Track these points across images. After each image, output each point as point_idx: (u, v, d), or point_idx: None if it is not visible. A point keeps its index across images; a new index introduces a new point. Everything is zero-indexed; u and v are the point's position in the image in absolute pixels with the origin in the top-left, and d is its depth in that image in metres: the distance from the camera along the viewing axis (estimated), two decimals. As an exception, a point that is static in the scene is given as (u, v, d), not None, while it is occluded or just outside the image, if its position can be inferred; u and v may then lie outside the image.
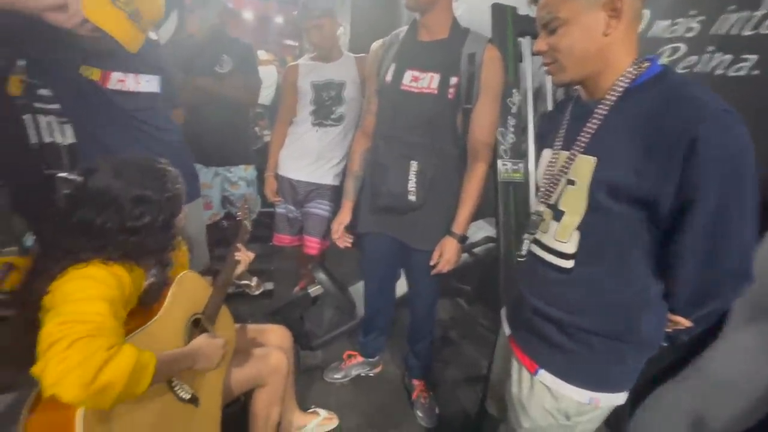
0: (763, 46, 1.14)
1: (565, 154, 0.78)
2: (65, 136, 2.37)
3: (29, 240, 1.60)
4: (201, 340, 0.92)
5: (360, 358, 1.78)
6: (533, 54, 1.48)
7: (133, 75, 1.25)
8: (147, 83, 1.29)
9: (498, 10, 1.33)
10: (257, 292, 2.25)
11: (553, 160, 0.81)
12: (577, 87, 0.80)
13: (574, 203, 0.75)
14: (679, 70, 1.36)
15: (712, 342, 1.34)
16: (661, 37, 1.41)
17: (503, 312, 1.04)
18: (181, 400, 0.88)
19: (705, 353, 1.37)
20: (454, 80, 1.16)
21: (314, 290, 1.74)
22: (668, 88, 0.66)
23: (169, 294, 0.93)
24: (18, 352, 0.76)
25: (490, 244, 2.00)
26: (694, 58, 1.31)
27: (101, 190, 0.82)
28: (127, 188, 0.83)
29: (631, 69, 0.70)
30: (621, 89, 0.70)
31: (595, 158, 0.71)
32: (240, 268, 1.22)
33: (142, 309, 0.89)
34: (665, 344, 0.81)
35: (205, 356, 0.91)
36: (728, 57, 1.22)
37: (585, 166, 0.72)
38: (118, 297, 0.77)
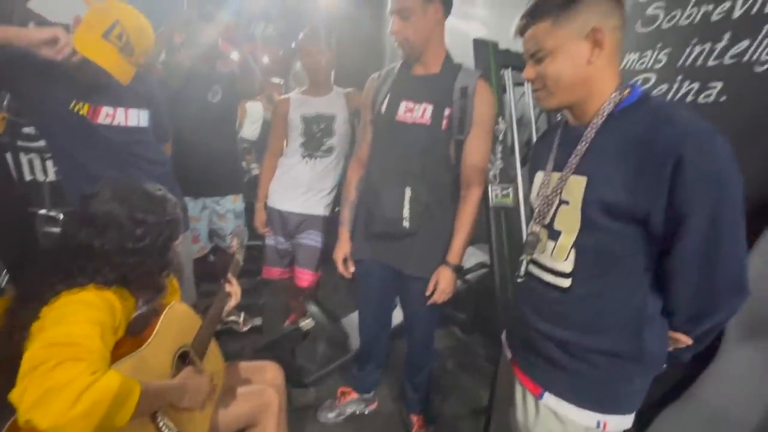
0: (726, 75, 1.23)
1: (557, 175, 0.80)
2: (47, 173, 2.33)
3: (4, 281, 1.52)
4: (188, 374, 0.89)
5: (355, 395, 1.70)
6: (515, 85, 1.56)
7: (123, 109, 1.25)
8: (136, 117, 1.29)
9: (480, 45, 1.40)
10: (245, 329, 2.20)
11: (545, 181, 0.83)
12: (564, 112, 0.84)
13: (569, 222, 0.76)
14: (652, 98, 1.44)
15: (709, 363, 1.33)
16: (633, 69, 1.51)
17: (504, 336, 1.02)
18: None
19: (700, 378, 1.36)
20: (447, 111, 1.20)
21: (305, 324, 1.68)
22: (651, 110, 0.69)
23: (159, 323, 0.90)
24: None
25: (483, 270, 1.99)
26: (665, 87, 1.40)
27: (103, 213, 0.84)
28: (129, 210, 0.86)
29: (614, 94, 0.74)
30: (606, 113, 0.73)
31: (586, 178, 0.73)
32: (231, 302, 1.18)
33: (130, 338, 0.86)
34: (668, 364, 0.81)
35: (191, 392, 0.87)
36: (696, 85, 1.31)
37: (577, 185, 0.74)
38: (108, 323, 0.76)
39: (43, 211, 2.09)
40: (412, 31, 1.15)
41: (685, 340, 0.76)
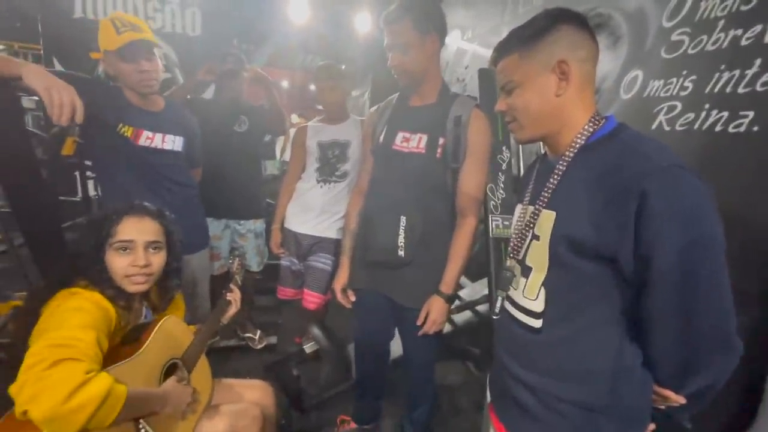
0: (759, 103, 1.12)
1: (530, 209, 0.76)
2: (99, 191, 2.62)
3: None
4: (171, 384, 0.94)
5: (354, 425, 1.66)
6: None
7: (161, 134, 1.41)
8: (172, 142, 1.45)
9: (484, 75, 1.40)
10: (260, 346, 2.24)
11: (521, 215, 0.80)
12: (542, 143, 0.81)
13: (539, 259, 0.72)
14: (678, 128, 1.34)
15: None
16: (657, 96, 1.42)
17: (488, 376, 0.97)
18: None
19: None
20: (441, 141, 1.20)
21: (309, 346, 1.69)
22: (621, 143, 0.65)
23: (152, 335, 0.96)
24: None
25: (498, 304, 1.90)
26: (691, 115, 1.30)
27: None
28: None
29: (587, 126, 0.70)
30: (578, 146, 0.70)
31: (555, 212, 0.69)
32: (231, 310, 1.23)
33: (122, 347, 0.93)
34: (661, 422, 0.72)
35: (173, 401, 0.92)
36: (725, 114, 1.20)
37: (547, 220, 0.71)
38: (103, 328, 0.83)
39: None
40: (411, 64, 1.18)
41: (676, 398, 0.67)
